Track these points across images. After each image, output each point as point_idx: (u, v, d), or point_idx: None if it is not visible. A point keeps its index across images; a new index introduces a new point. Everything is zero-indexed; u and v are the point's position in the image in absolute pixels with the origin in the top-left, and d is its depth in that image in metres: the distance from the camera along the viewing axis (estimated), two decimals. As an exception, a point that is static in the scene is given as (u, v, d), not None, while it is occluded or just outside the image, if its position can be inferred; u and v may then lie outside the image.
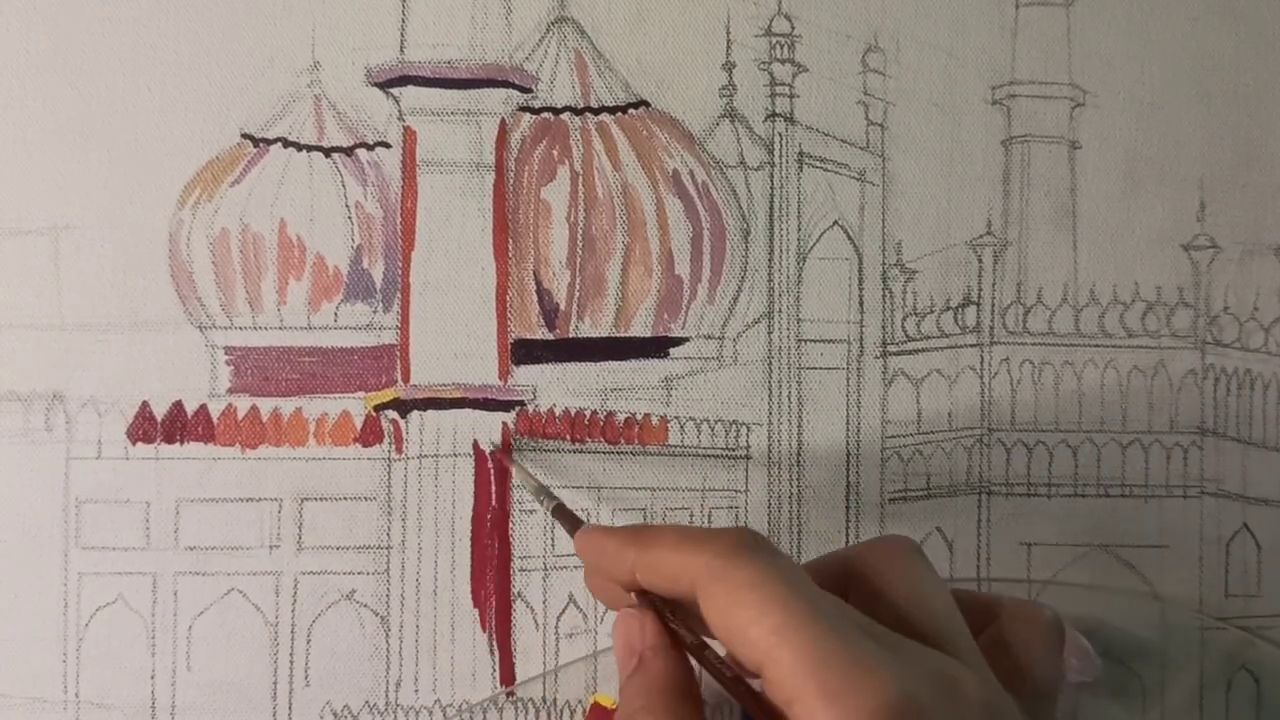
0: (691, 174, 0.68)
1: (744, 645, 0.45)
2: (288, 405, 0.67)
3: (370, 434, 0.67)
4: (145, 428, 0.66)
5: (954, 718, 0.44)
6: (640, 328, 0.68)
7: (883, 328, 0.69)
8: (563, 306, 0.68)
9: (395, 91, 0.67)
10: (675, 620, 0.50)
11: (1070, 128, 0.69)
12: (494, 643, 0.67)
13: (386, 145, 0.68)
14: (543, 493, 0.63)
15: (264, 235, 0.67)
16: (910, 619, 0.48)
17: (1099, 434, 0.69)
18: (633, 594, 0.52)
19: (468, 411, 0.67)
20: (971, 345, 0.69)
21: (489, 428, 0.67)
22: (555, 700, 0.67)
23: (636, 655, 0.50)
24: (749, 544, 0.47)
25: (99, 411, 0.66)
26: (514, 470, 0.66)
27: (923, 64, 0.69)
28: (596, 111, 0.69)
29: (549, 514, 0.62)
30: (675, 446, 0.68)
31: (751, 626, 0.45)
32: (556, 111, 0.68)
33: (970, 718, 0.44)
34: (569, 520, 0.59)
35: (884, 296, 0.69)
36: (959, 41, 0.69)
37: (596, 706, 0.65)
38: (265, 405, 0.67)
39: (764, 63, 0.69)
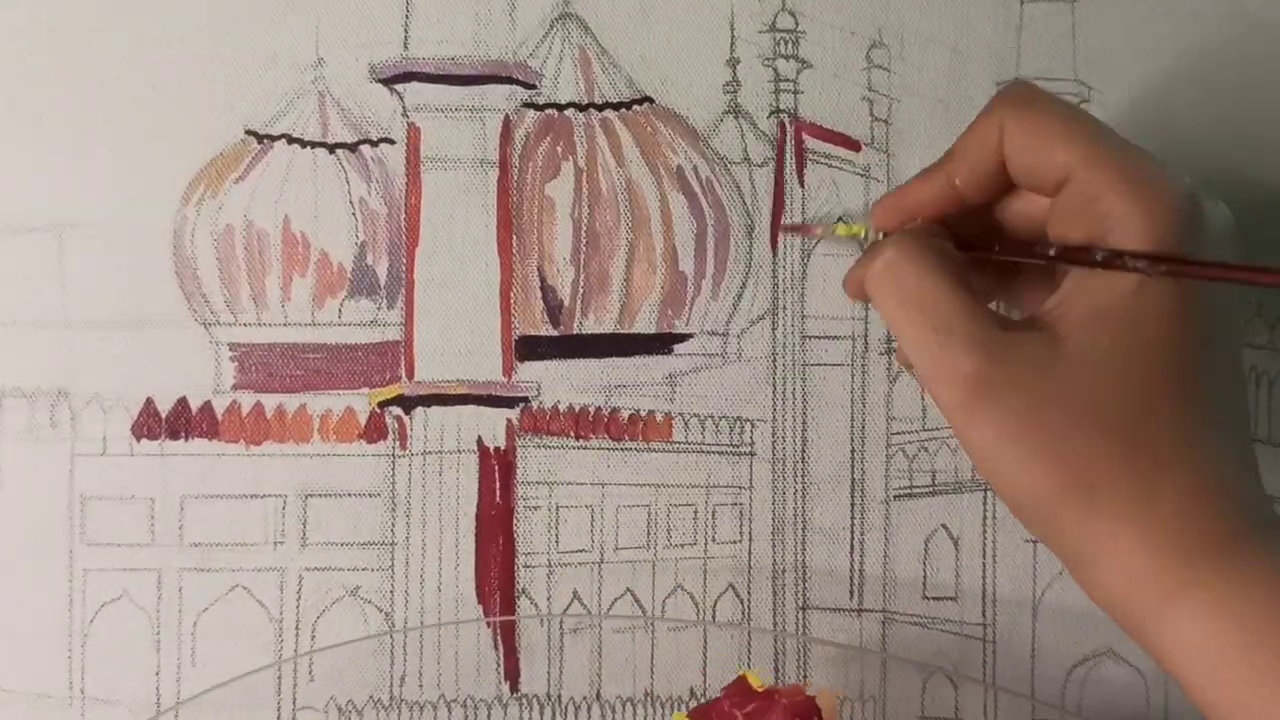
0: (695, 170, 0.68)
1: (1053, 153, 0.53)
2: (292, 402, 0.67)
3: (374, 430, 0.67)
4: (150, 424, 0.66)
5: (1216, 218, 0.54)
6: (644, 324, 0.68)
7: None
8: (567, 303, 0.68)
9: (399, 88, 0.67)
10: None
11: (1075, 124, 0.69)
12: (498, 639, 0.67)
13: (390, 141, 0.68)
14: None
15: (268, 232, 0.67)
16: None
17: (1104, 430, 0.69)
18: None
19: (472, 408, 0.67)
20: (976, 341, 0.69)
21: (493, 424, 0.67)
22: (560, 696, 0.67)
23: None
24: (1033, 89, 0.56)
25: (103, 408, 0.66)
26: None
27: (927, 60, 0.69)
28: (600, 108, 0.68)
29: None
30: (679, 443, 0.68)
31: (1064, 137, 0.53)
32: (560, 108, 0.68)
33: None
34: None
35: (888, 293, 0.69)
36: (963, 37, 0.69)
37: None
38: (270, 402, 0.67)
39: (768, 59, 0.68)
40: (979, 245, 0.57)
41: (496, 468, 0.67)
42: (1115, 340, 0.51)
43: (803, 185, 0.69)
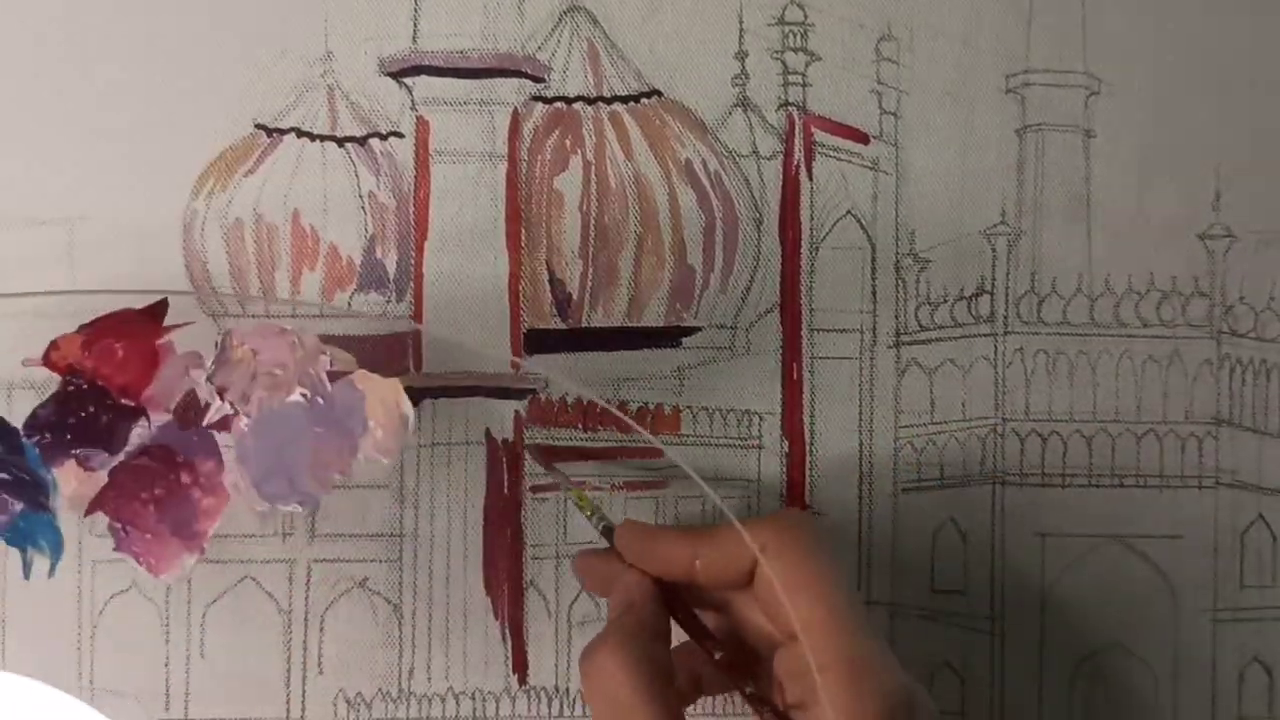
0: (704, 163, 0.68)
1: (795, 609, 0.55)
2: (301, 394, 0.67)
3: (383, 423, 0.67)
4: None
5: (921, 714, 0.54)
6: (652, 317, 0.68)
7: (896, 317, 0.69)
8: (575, 296, 0.68)
9: (408, 81, 0.68)
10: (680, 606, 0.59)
11: (1085, 116, 0.69)
12: (506, 631, 0.67)
13: (399, 135, 0.68)
14: (590, 507, 0.63)
15: (278, 225, 0.67)
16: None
17: (1114, 424, 0.69)
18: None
19: (480, 400, 0.67)
20: (985, 335, 0.69)
21: (501, 416, 0.67)
22: (568, 689, 0.67)
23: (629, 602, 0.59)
24: (807, 526, 0.58)
25: (113, 400, 0.66)
26: (555, 475, 0.66)
27: (936, 52, 0.69)
28: (609, 101, 0.69)
29: (596, 526, 0.63)
30: (687, 436, 0.68)
31: (808, 603, 0.55)
32: (569, 101, 0.68)
33: None
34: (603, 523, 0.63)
35: (897, 286, 0.69)
36: (973, 30, 0.69)
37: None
38: (279, 394, 0.67)
39: (777, 51, 0.68)
40: (684, 609, 0.60)
41: (505, 459, 0.67)
42: None
43: (811, 178, 0.69)
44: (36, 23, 0.67)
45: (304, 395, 0.53)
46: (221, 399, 0.53)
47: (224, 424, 0.54)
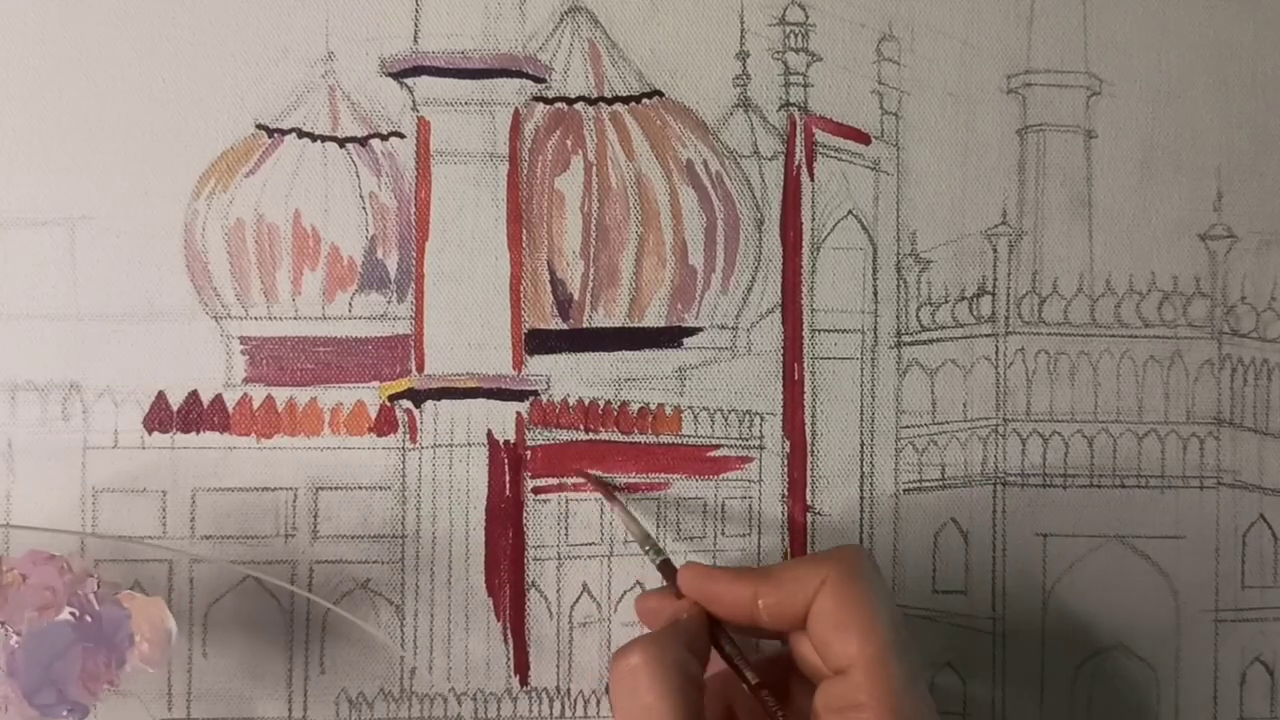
0: (705, 164, 0.68)
1: (844, 645, 0.55)
2: (303, 395, 0.67)
3: (385, 424, 0.67)
4: (161, 417, 0.66)
5: None
6: (654, 318, 0.68)
7: (897, 318, 0.69)
8: (576, 297, 0.68)
9: (409, 82, 0.68)
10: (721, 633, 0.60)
11: (1086, 117, 0.69)
12: (508, 632, 0.67)
13: (400, 135, 0.68)
14: (646, 541, 0.65)
15: (279, 225, 0.67)
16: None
17: (1115, 424, 0.69)
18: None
19: (482, 401, 0.67)
20: (987, 335, 0.69)
21: (503, 417, 0.67)
22: (569, 689, 0.67)
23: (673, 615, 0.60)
24: (864, 563, 0.57)
25: (115, 401, 0.66)
26: (617, 510, 0.67)
27: (938, 53, 0.69)
28: (610, 101, 0.69)
29: (654, 564, 0.64)
30: (689, 436, 0.68)
31: (859, 640, 0.55)
32: (570, 101, 0.68)
33: None
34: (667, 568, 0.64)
35: (898, 286, 0.69)
36: (974, 30, 0.69)
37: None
38: (280, 395, 0.67)
39: (778, 52, 0.68)
40: (727, 641, 0.60)
41: (506, 461, 0.67)
42: None
43: (813, 178, 0.69)
44: (38, 23, 0.66)
45: (73, 614, 0.57)
46: None
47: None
